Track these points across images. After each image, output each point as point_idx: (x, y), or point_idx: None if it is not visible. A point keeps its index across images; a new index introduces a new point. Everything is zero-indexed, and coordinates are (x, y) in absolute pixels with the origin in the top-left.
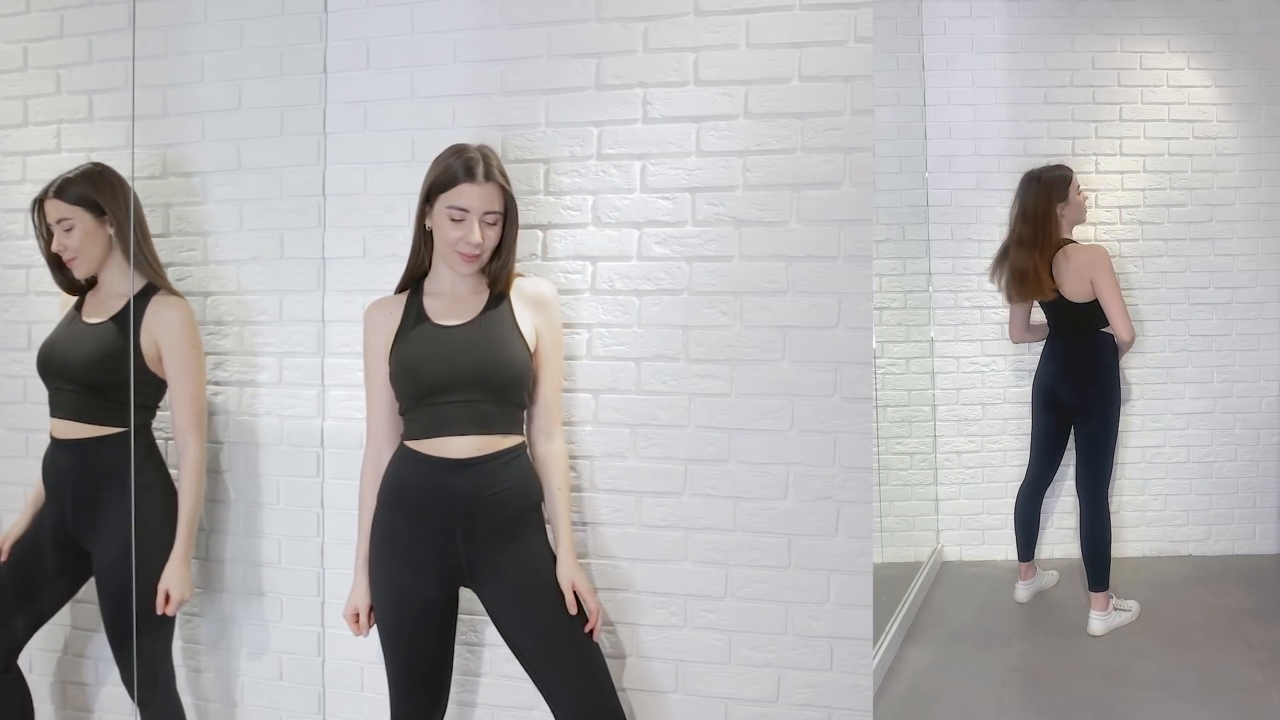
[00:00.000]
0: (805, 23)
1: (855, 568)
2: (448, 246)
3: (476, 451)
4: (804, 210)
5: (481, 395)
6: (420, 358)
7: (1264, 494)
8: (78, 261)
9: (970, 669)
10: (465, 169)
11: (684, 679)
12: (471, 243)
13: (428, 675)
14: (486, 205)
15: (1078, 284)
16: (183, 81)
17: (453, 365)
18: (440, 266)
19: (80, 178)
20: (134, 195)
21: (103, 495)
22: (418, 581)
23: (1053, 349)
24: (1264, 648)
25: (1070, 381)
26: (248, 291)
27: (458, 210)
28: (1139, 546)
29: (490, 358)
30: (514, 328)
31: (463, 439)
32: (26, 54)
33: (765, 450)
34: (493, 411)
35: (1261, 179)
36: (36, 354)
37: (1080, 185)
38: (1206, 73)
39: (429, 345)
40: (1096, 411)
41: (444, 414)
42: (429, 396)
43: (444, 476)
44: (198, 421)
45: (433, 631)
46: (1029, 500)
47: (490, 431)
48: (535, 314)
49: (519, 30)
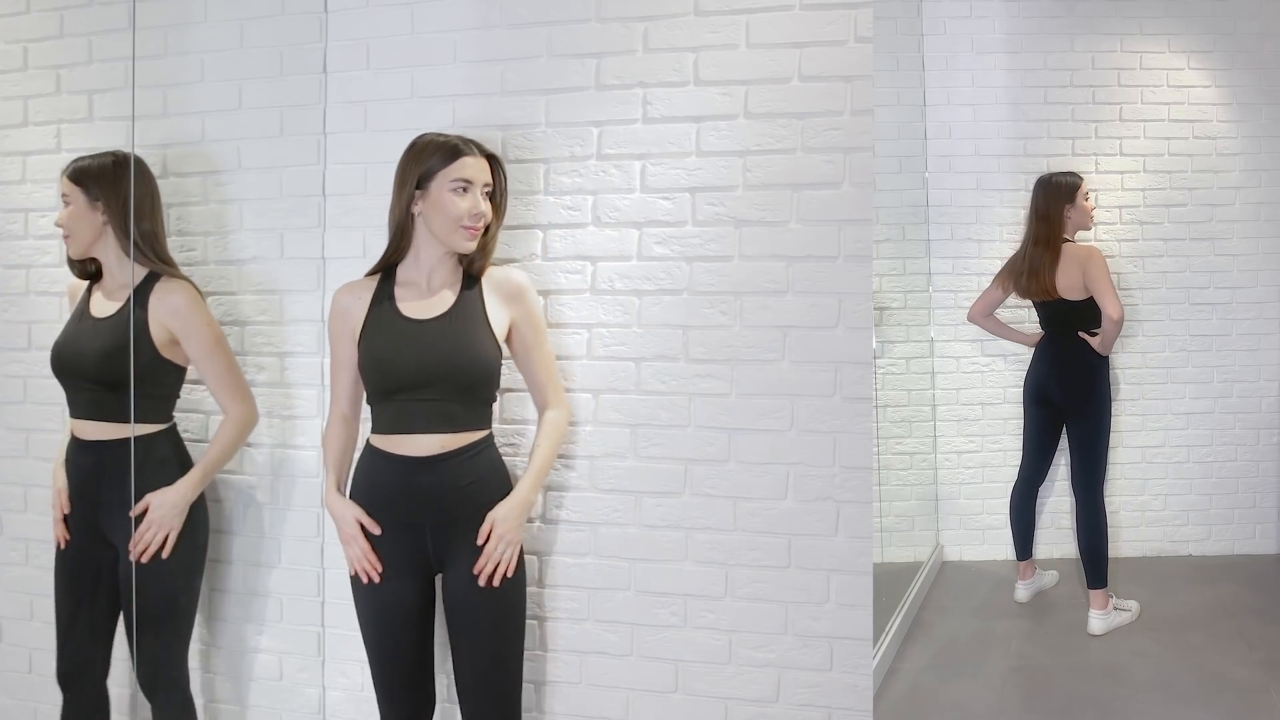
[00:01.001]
0: (805, 23)
1: (855, 568)
2: (452, 223)
3: (442, 449)
4: (804, 210)
5: (448, 394)
6: (389, 352)
7: (1264, 494)
8: (70, 240)
9: (970, 669)
10: (461, 143)
11: (684, 679)
12: (479, 212)
13: (412, 676)
14: (484, 177)
15: (1071, 279)
16: (183, 81)
17: (421, 362)
18: (419, 253)
19: (90, 164)
20: (147, 186)
21: (131, 495)
22: (395, 585)
23: (1045, 348)
24: (1264, 648)
25: (1061, 380)
26: (248, 291)
27: (462, 181)
28: (1139, 546)
29: (458, 357)
30: (484, 323)
31: (429, 437)
32: (26, 54)
33: (765, 450)
34: (458, 410)
35: (1261, 179)
36: (50, 353)
37: (1088, 193)
38: (1206, 73)
39: (398, 339)
40: (1088, 409)
41: (411, 410)
42: (397, 392)
43: (412, 475)
44: (234, 389)
45: (412, 629)
46: (1023, 497)
47: (456, 429)
48: (508, 306)
49: (519, 30)
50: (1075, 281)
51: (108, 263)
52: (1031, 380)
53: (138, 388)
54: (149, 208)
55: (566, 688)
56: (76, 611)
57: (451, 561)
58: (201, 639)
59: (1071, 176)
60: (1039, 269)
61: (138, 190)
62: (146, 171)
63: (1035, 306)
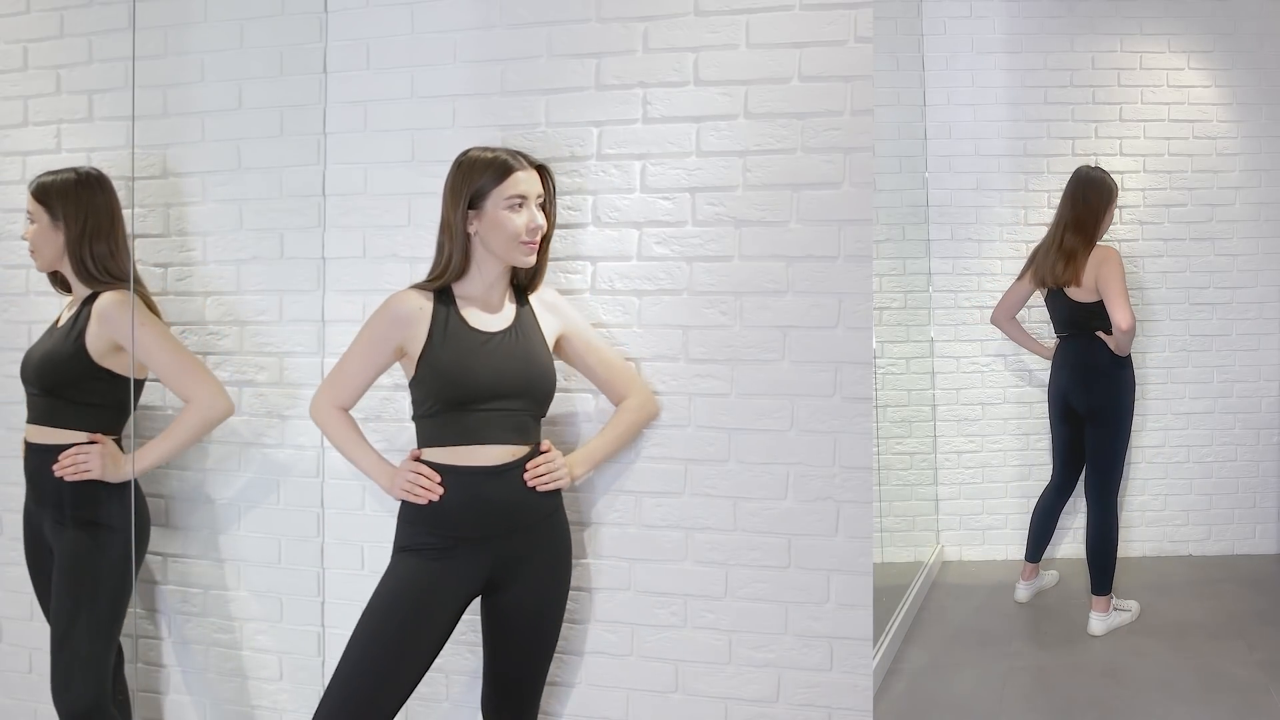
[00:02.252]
0: (805, 23)
1: (855, 568)
2: (511, 239)
3: (511, 458)
4: (804, 210)
5: (524, 405)
6: (462, 364)
7: (1264, 494)
8: (36, 255)
9: (970, 669)
10: (511, 157)
11: (684, 679)
12: (537, 225)
13: (400, 684)
14: (536, 189)
15: (1089, 278)
16: (183, 81)
17: (498, 373)
18: (480, 270)
19: (53, 182)
20: (107, 202)
21: (75, 501)
22: (439, 588)
23: (1064, 354)
24: (1264, 648)
25: (1083, 385)
26: (248, 291)
27: (518, 198)
28: (1139, 546)
29: (532, 368)
30: (542, 337)
31: (501, 447)
32: (26, 54)
33: (765, 450)
34: (529, 421)
35: (1261, 179)
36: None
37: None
38: (1206, 73)
39: (470, 351)
40: (1107, 416)
41: (484, 420)
42: (470, 403)
43: (481, 485)
44: (192, 377)
45: (434, 640)
46: (1050, 504)
47: (524, 441)
48: (552, 317)
49: (519, 30)
50: (1090, 281)
51: (71, 278)
52: (1054, 390)
53: (74, 395)
54: (106, 226)
55: (567, 688)
56: (45, 605)
57: (512, 576)
58: (202, 639)
59: (1112, 179)
60: (1075, 253)
61: (96, 208)
62: (108, 187)
63: (1049, 304)
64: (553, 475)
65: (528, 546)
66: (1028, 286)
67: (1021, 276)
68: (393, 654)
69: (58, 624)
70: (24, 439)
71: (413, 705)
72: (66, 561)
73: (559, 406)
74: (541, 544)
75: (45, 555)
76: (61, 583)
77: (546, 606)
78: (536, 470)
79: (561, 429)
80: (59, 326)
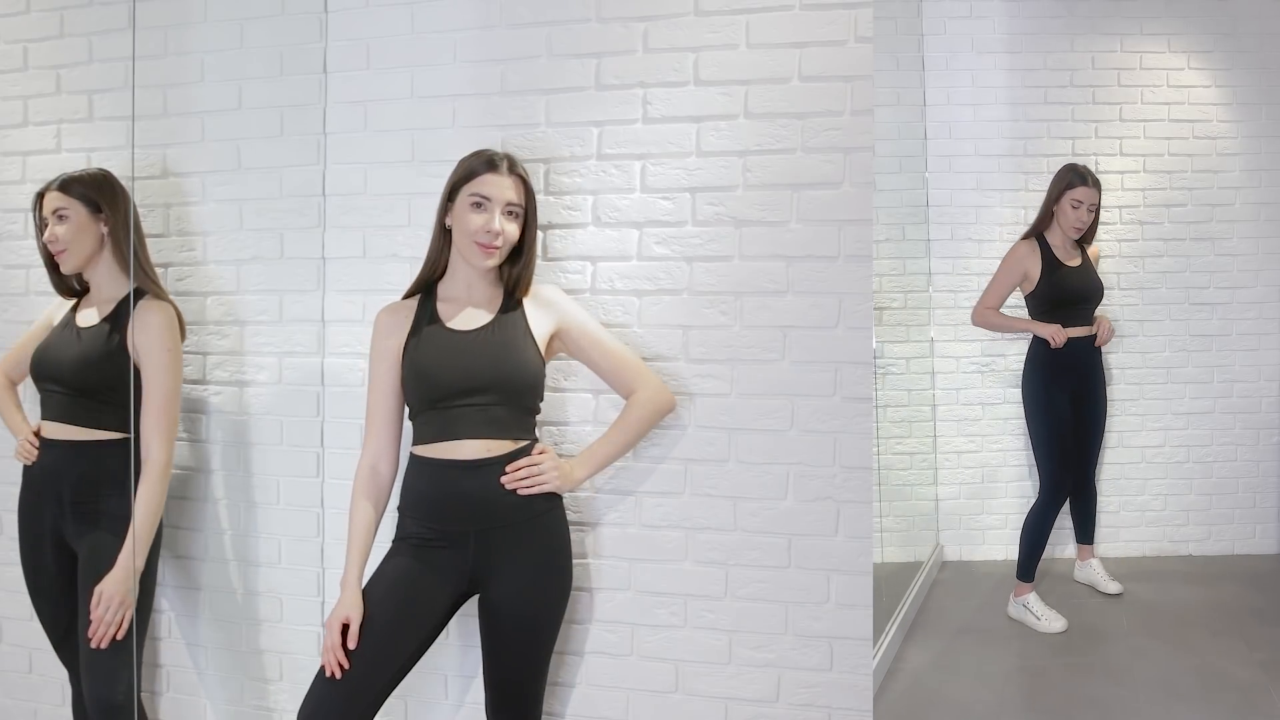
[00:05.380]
0: (805, 23)
1: (855, 568)
2: (468, 238)
3: (487, 453)
4: (804, 210)
5: (495, 399)
6: (433, 361)
7: (1264, 494)
8: (66, 254)
9: (970, 669)
10: (488, 161)
11: (684, 679)
12: (492, 230)
13: (387, 670)
14: (507, 196)
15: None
16: (183, 81)
17: (467, 369)
18: (457, 269)
19: (84, 176)
20: (133, 204)
21: (100, 499)
22: (430, 589)
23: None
24: (1264, 648)
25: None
26: (248, 291)
27: (480, 197)
28: (1139, 546)
29: (505, 362)
30: (527, 334)
31: (473, 441)
32: (26, 54)
33: (765, 450)
34: (505, 415)
35: (1261, 179)
36: (30, 359)
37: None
38: (1206, 73)
39: (442, 349)
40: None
41: (456, 417)
42: (442, 400)
43: (456, 479)
44: (167, 427)
45: (422, 634)
46: (1044, 520)
47: (502, 435)
48: (545, 313)
49: (519, 30)
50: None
51: (96, 278)
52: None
53: (108, 395)
54: (137, 222)
55: (567, 688)
56: (42, 608)
57: (494, 574)
58: (202, 639)
59: (1080, 172)
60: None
61: (124, 205)
62: (125, 188)
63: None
64: (535, 479)
65: (512, 544)
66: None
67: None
68: (380, 638)
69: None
70: (36, 435)
71: (413, 705)
72: (103, 566)
73: (553, 408)
74: (530, 544)
75: (51, 554)
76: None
77: (539, 610)
78: (516, 473)
79: (562, 429)
80: (86, 327)
